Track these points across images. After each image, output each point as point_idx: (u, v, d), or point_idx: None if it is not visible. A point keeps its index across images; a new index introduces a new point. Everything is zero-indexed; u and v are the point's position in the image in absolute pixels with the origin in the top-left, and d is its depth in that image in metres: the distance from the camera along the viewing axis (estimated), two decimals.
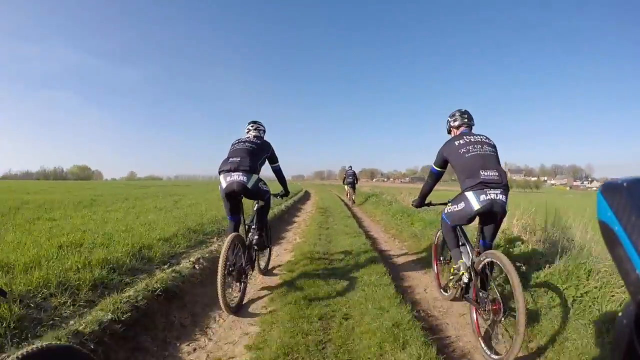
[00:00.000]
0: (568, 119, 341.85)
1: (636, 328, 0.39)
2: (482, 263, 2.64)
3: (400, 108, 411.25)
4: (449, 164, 2.98)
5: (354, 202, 14.06)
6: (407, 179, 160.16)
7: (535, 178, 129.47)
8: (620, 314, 0.42)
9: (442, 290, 3.54)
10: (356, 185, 14.64)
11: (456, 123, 3.10)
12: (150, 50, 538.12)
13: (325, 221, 8.49)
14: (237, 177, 3.32)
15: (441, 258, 3.63)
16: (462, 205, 2.74)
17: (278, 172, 4.02)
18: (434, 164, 3.05)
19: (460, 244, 3.00)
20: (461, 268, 2.85)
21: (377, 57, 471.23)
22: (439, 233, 3.63)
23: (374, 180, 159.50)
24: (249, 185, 3.33)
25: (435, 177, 3.13)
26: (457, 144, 2.86)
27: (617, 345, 0.42)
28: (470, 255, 2.89)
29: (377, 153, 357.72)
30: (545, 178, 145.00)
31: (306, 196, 20.76)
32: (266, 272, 4.27)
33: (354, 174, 14.32)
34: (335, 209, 11.83)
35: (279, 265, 4.60)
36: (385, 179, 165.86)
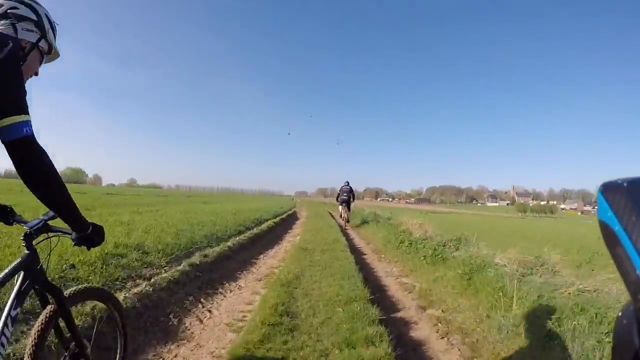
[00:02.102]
0: (577, 141, 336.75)
1: (636, 328, 0.37)
2: None
3: (406, 129, 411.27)
4: None
5: (348, 222, 12.32)
6: (413, 199, 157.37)
7: (544, 202, 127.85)
8: (620, 313, 0.40)
9: None
10: (352, 204, 12.98)
11: None
12: (160, 55, 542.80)
13: None
14: None
15: None
16: None
17: (20, 148, 1.01)
18: None
19: None
20: None
21: (382, 81, 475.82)
22: None
23: (378, 199, 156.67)
24: None
25: None
26: None
27: (617, 345, 0.40)
28: None
29: (381, 173, 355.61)
30: (554, 202, 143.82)
31: (281, 231, 10.32)
32: None
33: (350, 190, 12.70)
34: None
35: None
36: (390, 199, 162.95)
